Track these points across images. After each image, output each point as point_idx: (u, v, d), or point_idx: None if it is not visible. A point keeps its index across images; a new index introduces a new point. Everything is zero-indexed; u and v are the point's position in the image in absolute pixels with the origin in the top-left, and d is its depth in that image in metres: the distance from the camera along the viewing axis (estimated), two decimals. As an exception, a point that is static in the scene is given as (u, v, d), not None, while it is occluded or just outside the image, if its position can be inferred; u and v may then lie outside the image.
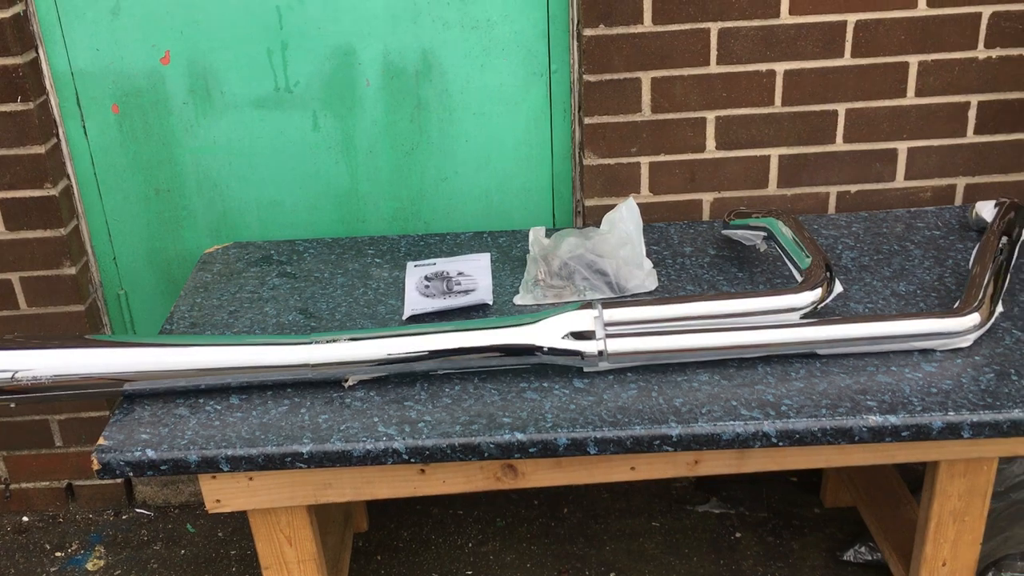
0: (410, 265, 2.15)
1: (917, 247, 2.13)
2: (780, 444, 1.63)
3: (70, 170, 2.30)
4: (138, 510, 2.61)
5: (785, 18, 2.14)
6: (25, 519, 2.60)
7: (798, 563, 2.35)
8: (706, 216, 2.33)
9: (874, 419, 1.62)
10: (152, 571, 2.42)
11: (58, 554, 2.48)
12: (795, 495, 2.57)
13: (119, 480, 2.58)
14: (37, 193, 2.23)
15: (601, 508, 2.56)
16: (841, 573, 2.31)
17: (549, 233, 2.12)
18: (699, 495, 2.59)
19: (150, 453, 1.62)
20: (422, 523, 2.53)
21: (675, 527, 2.48)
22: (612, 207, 2.11)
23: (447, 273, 2.09)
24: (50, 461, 2.54)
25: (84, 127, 2.28)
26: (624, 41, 2.15)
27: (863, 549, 2.31)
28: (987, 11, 2.16)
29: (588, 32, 2.14)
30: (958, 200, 2.35)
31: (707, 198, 2.32)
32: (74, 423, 2.48)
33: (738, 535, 2.45)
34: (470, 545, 2.46)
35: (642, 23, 2.13)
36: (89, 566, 2.44)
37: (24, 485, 2.58)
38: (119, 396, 1.75)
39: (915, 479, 2.28)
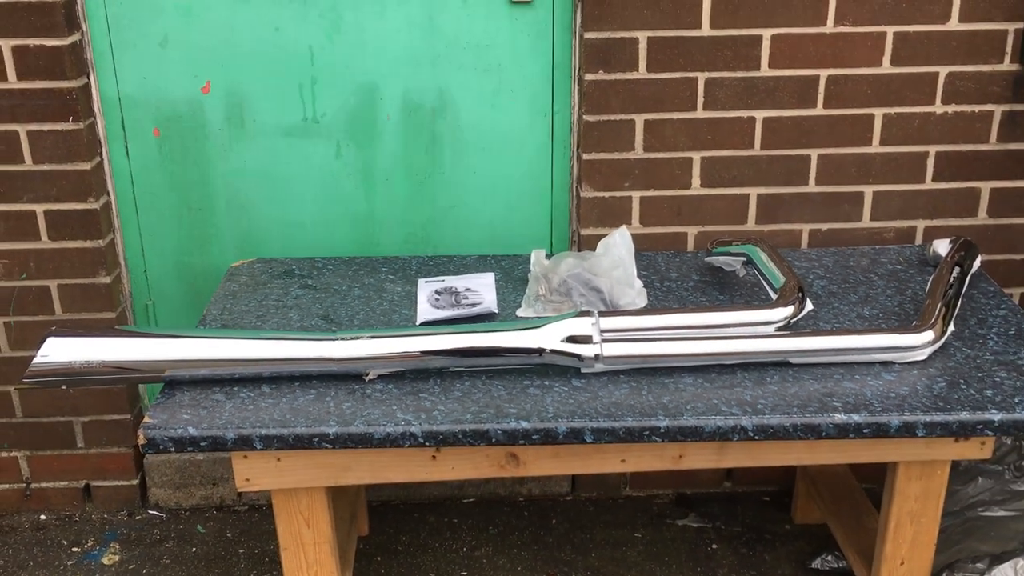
0: (421, 281, 2.35)
1: (880, 278, 2.36)
2: (756, 438, 1.83)
3: (111, 187, 2.50)
4: (151, 511, 2.76)
5: (765, 71, 2.40)
6: (43, 517, 2.74)
7: (769, 572, 2.53)
8: (690, 247, 2.56)
9: (839, 417, 1.82)
10: (165, 566, 2.56)
11: (75, 549, 2.63)
12: (767, 512, 2.76)
13: (134, 482, 2.73)
14: (80, 206, 2.43)
15: (587, 520, 2.73)
16: (809, 581, 2.50)
17: (549, 255, 2.33)
18: (679, 510, 2.78)
19: (191, 430, 1.80)
20: (419, 529, 2.70)
21: (656, 538, 2.66)
22: (605, 237, 2.32)
23: (455, 288, 2.30)
24: (71, 462, 2.69)
25: (127, 148, 2.49)
26: (621, 86, 2.39)
27: (829, 557, 2.50)
28: (944, 71, 2.42)
29: (588, 77, 2.39)
30: (918, 240, 2.59)
31: (692, 231, 2.54)
32: (97, 425, 2.65)
33: (714, 547, 2.63)
34: (464, 550, 2.62)
35: (637, 71, 2.38)
36: (105, 560, 2.58)
37: (44, 484, 2.72)
38: (135, 387, 1.93)
39: (877, 500, 2.48)
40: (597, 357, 1.92)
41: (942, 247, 2.37)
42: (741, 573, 2.52)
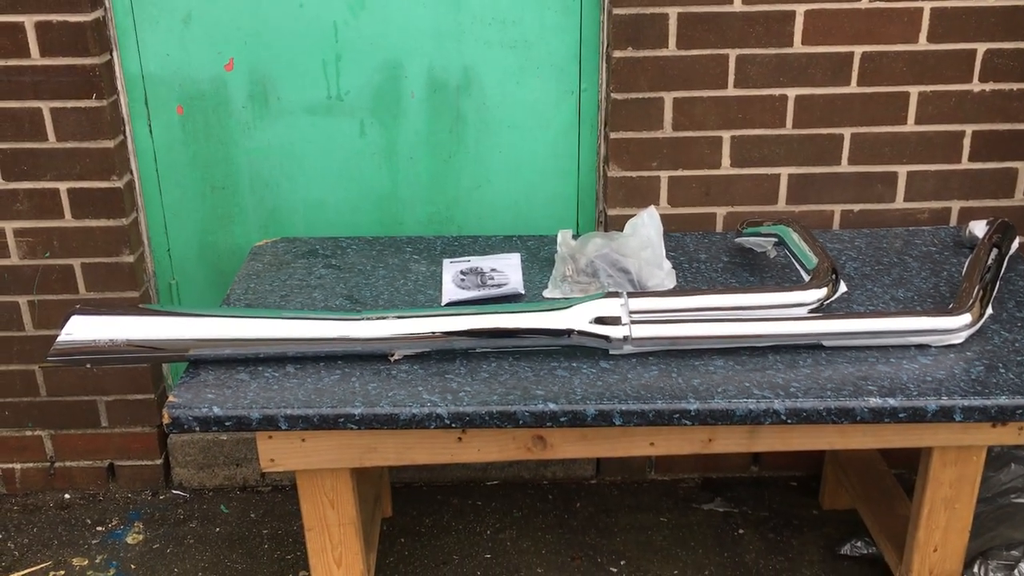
0: (446, 262, 2.32)
1: (915, 260, 2.31)
2: (788, 421, 1.79)
3: (134, 165, 2.49)
4: (175, 491, 2.76)
5: (798, 47, 2.35)
6: (67, 496, 2.74)
7: (797, 557, 2.50)
8: (720, 228, 2.52)
9: (874, 401, 1.78)
10: (188, 546, 2.56)
11: (99, 528, 2.63)
12: (795, 497, 2.72)
13: (158, 462, 2.73)
14: (103, 185, 2.41)
15: (612, 503, 2.71)
16: (837, 567, 2.46)
17: (576, 236, 2.30)
18: (705, 495, 2.74)
19: (216, 410, 1.79)
20: (443, 511, 2.68)
21: (682, 523, 2.63)
22: (633, 217, 2.29)
23: (481, 269, 2.27)
24: (95, 441, 2.69)
25: (150, 126, 2.47)
26: (650, 63, 2.35)
27: (859, 543, 2.46)
28: (982, 48, 2.36)
29: (617, 54, 2.34)
30: (953, 222, 2.53)
31: (721, 212, 2.50)
32: (120, 404, 2.64)
33: (741, 531, 2.60)
34: (488, 532, 2.60)
35: (667, 47, 2.33)
36: (129, 539, 2.58)
37: (68, 463, 2.72)
38: (159, 367, 1.91)
39: (907, 486, 2.44)
40: (626, 339, 1.89)
41: (979, 228, 2.31)
42: (768, 558, 2.49)
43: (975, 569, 2.20)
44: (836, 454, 2.57)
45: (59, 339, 1.83)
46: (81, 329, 1.85)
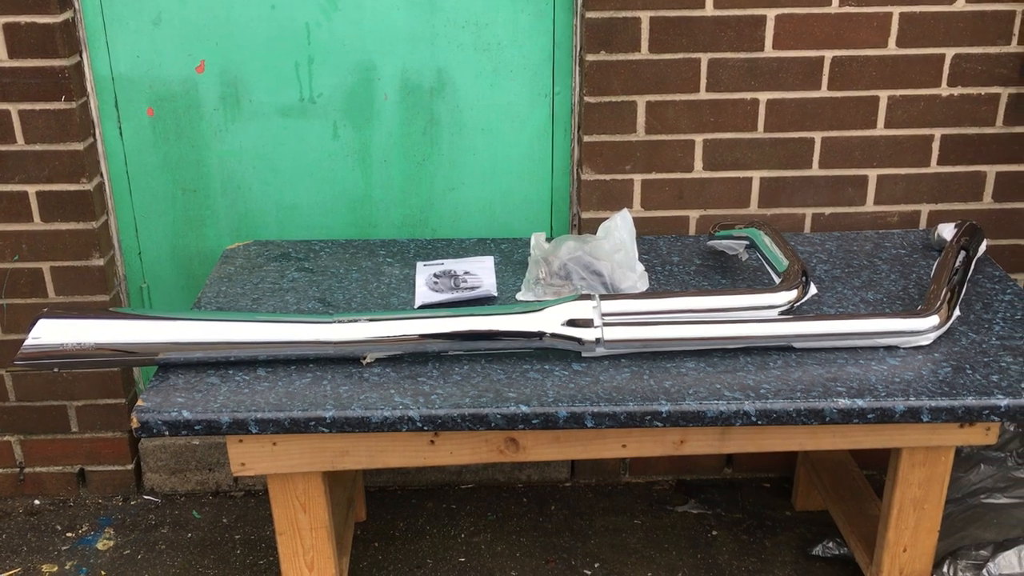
0: (419, 264, 2.32)
1: (884, 263, 2.33)
2: (759, 423, 1.80)
3: (104, 167, 2.47)
4: (146, 497, 2.74)
5: (769, 52, 2.36)
6: (37, 502, 2.71)
7: (770, 558, 2.51)
8: (692, 231, 2.53)
9: (843, 402, 1.80)
10: (160, 552, 2.54)
11: (69, 534, 2.60)
12: (768, 499, 2.74)
13: (129, 467, 2.70)
14: (73, 187, 2.39)
15: (586, 506, 2.71)
16: (810, 567, 2.47)
17: (549, 239, 2.30)
18: (678, 497, 2.75)
19: (185, 414, 1.77)
20: (417, 515, 2.67)
21: (656, 525, 2.64)
22: (606, 220, 2.29)
23: (454, 272, 2.27)
24: (65, 446, 2.66)
25: (120, 128, 2.45)
26: (622, 67, 2.36)
27: (831, 544, 2.48)
28: (950, 53, 2.39)
29: (590, 58, 2.35)
30: (922, 225, 2.56)
31: (694, 215, 2.51)
32: (90, 409, 2.62)
33: (714, 533, 2.61)
34: (463, 536, 2.60)
35: (639, 51, 2.34)
36: (99, 546, 2.55)
37: (38, 469, 2.69)
38: (130, 371, 1.90)
39: (878, 487, 2.46)
40: (598, 341, 1.89)
41: (947, 231, 2.34)
42: (741, 560, 2.50)
43: (944, 569, 2.22)
44: (808, 456, 2.59)
45: (26, 343, 1.81)
46: (48, 333, 1.83)
